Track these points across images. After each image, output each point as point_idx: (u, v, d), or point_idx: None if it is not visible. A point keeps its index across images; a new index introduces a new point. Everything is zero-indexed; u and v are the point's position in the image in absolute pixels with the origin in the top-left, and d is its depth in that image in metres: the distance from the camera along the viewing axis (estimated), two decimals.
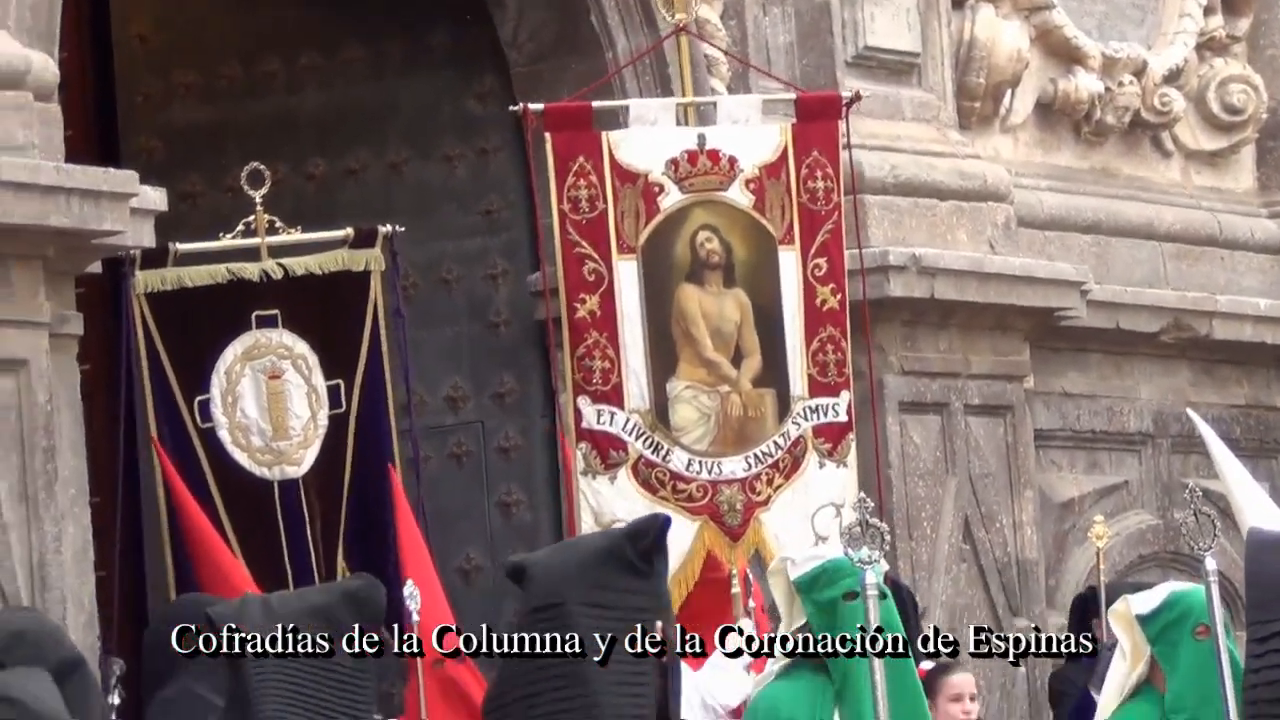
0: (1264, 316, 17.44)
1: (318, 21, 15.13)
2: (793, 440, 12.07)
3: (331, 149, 14.31)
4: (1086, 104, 16.87)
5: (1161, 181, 17.43)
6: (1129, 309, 16.42)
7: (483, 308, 14.50)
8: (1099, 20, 17.17)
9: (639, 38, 14.17)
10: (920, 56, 15.53)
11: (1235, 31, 17.93)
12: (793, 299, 12.14)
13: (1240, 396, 17.60)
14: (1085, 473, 16.25)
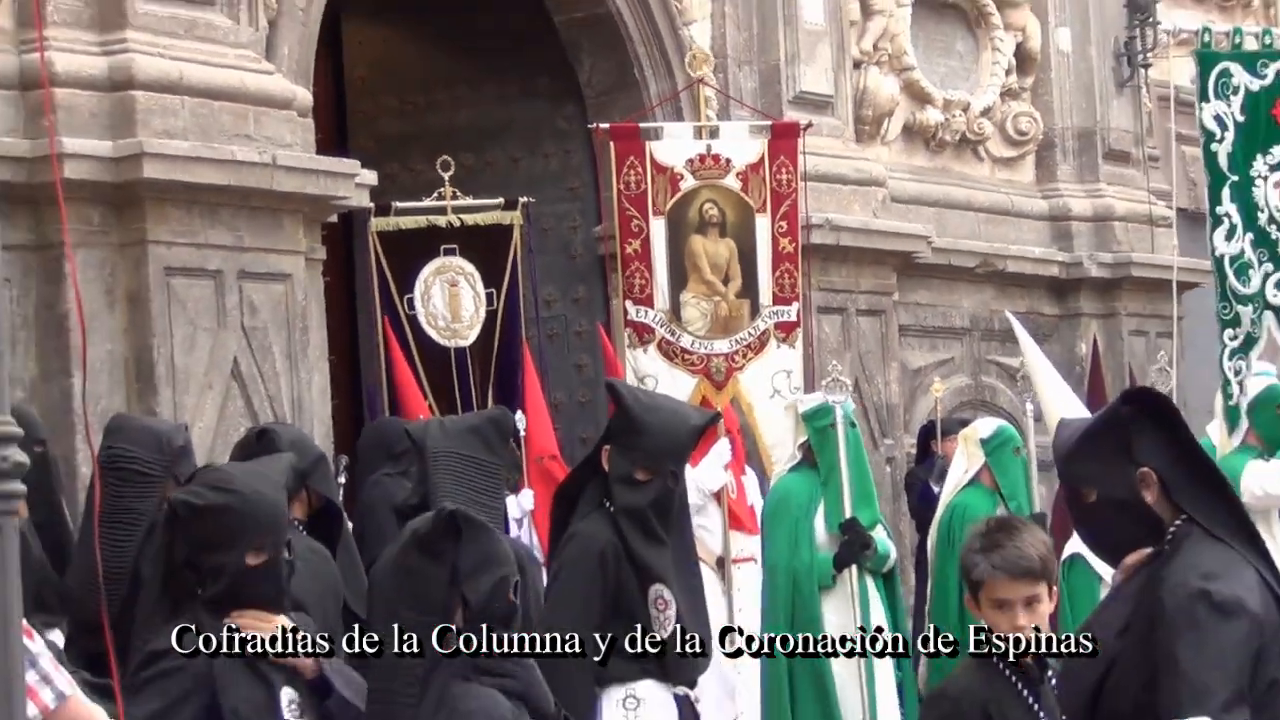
0: (1038, 258, 17.90)
1: (467, 67, 15.58)
2: (760, 331, 13.12)
3: (477, 149, 14.75)
4: (933, 128, 17.29)
5: (977, 176, 17.59)
6: (957, 253, 16.91)
7: (567, 246, 15.03)
8: (942, 76, 17.31)
9: (665, 82, 14.55)
10: (834, 98, 15.83)
11: (1024, 84, 18.19)
12: (764, 245, 13.12)
13: (1022, 306, 17.45)
14: (929, 352, 16.89)
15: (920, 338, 16.74)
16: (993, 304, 17.41)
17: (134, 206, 10.40)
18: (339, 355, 13.31)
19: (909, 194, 16.47)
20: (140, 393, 10.27)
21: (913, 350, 16.50)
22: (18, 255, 9.86)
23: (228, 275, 10.84)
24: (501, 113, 15.19)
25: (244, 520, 5.47)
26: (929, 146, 17.21)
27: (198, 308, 10.64)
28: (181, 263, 10.55)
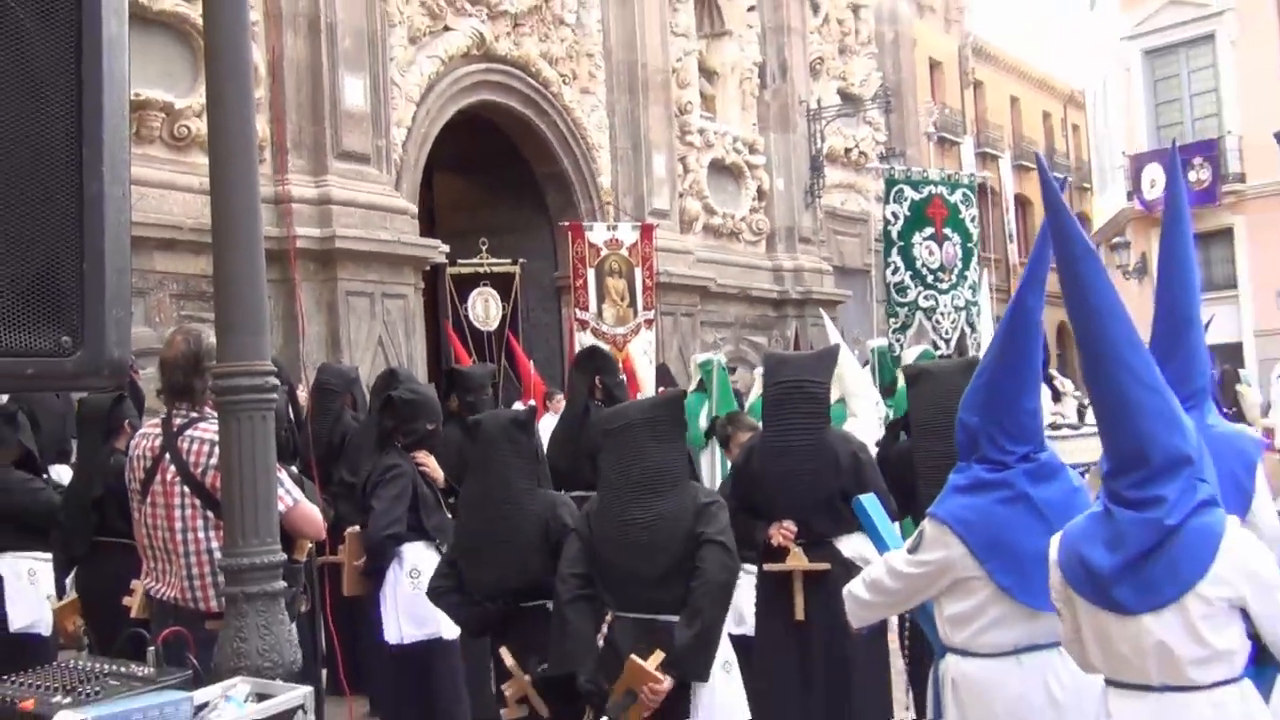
0: (766, 288, 17.80)
1: (494, 195, 15.61)
2: (637, 324, 13.78)
3: (498, 235, 14.45)
4: (717, 226, 17.60)
5: (739, 249, 17.92)
6: (728, 287, 16.95)
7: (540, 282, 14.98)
8: (721, 200, 17.69)
9: (589, 204, 15.18)
10: (670, 211, 16.26)
11: (759, 205, 18.40)
12: (639, 283, 13.90)
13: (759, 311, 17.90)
14: (714, 333, 16.59)
15: (711, 327, 16.85)
16: (746, 312, 17.78)
17: (331, 262, 11.15)
18: (429, 336, 13.35)
19: (705, 258, 16.84)
20: (331, 354, 10.85)
21: (708, 333, 16.61)
22: (274, 286, 9.90)
23: (376, 296, 11.63)
24: (510, 218, 15.44)
25: (428, 406, 5.73)
26: (715, 235, 17.56)
27: (361, 312, 11.46)
28: (354, 290, 11.49)
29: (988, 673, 3.51)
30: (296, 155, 11.42)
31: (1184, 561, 2.86)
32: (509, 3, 14.12)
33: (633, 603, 4.00)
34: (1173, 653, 2.83)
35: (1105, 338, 2.97)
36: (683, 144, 17.15)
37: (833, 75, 20.80)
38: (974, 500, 3.54)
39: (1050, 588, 3.07)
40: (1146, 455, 2.90)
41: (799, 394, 5.02)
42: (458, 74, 13.59)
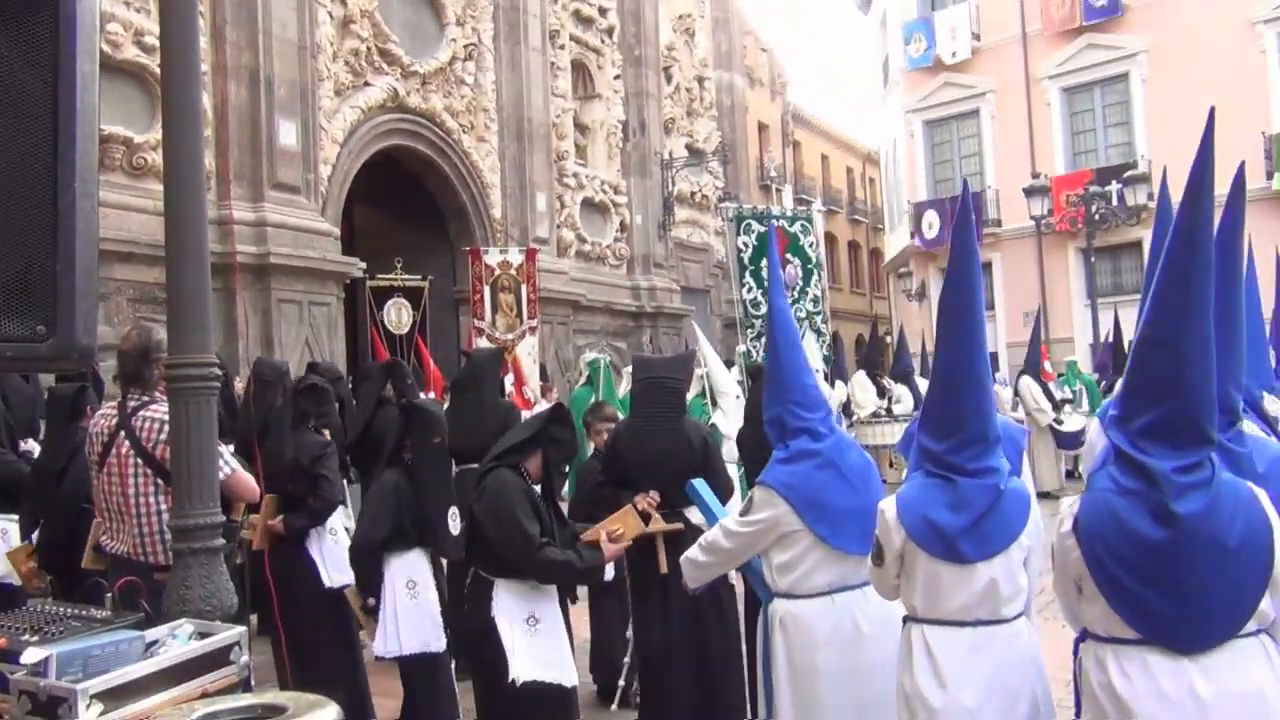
0: (626, 303, 17.64)
1: (406, 222, 15.18)
2: (522, 330, 13.54)
3: (410, 254, 13.79)
4: (588, 251, 17.37)
5: (605, 272, 17.80)
6: (595, 300, 16.90)
7: (444, 296, 14.49)
8: (591, 232, 17.54)
9: (485, 231, 15.00)
10: (549, 239, 16.14)
11: (621, 236, 18.30)
12: (524, 296, 13.72)
13: (620, 322, 17.56)
14: (584, 339, 16.30)
15: (582, 333, 16.75)
16: (610, 323, 17.61)
17: (266, 275, 10.81)
18: (348, 338, 12.72)
19: (578, 277, 16.80)
20: (265, 352, 10.38)
21: (579, 339, 16.49)
22: (218, 294, 10.01)
23: (304, 304, 11.35)
24: (419, 241, 14.93)
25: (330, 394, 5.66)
26: (586, 259, 17.53)
27: (291, 317, 11.18)
28: (285, 298, 11.11)
29: (808, 611, 3.58)
30: (238, 185, 11.17)
31: (1010, 518, 2.95)
32: (419, 64, 14.02)
33: None
34: (999, 592, 2.91)
35: (975, 340, 2.97)
36: (560, 185, 17.17)
37: (682, 133, 21.02)
38: (795, 468, 3.63)
39: (885, 547, 3.06)
40: (985, 434, 2.96)
41: (660, 389, 5.05)
42: (375, 121, 13.44)
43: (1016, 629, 2.96)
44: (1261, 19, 20.25)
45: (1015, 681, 2.90)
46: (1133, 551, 2.45)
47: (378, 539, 4.53)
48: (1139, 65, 21.70)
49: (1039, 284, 22.35)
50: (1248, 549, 2.40)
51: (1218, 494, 2.42)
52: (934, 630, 2.98)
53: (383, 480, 4.67)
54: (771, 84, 29.09)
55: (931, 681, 2.91)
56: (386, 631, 4.55)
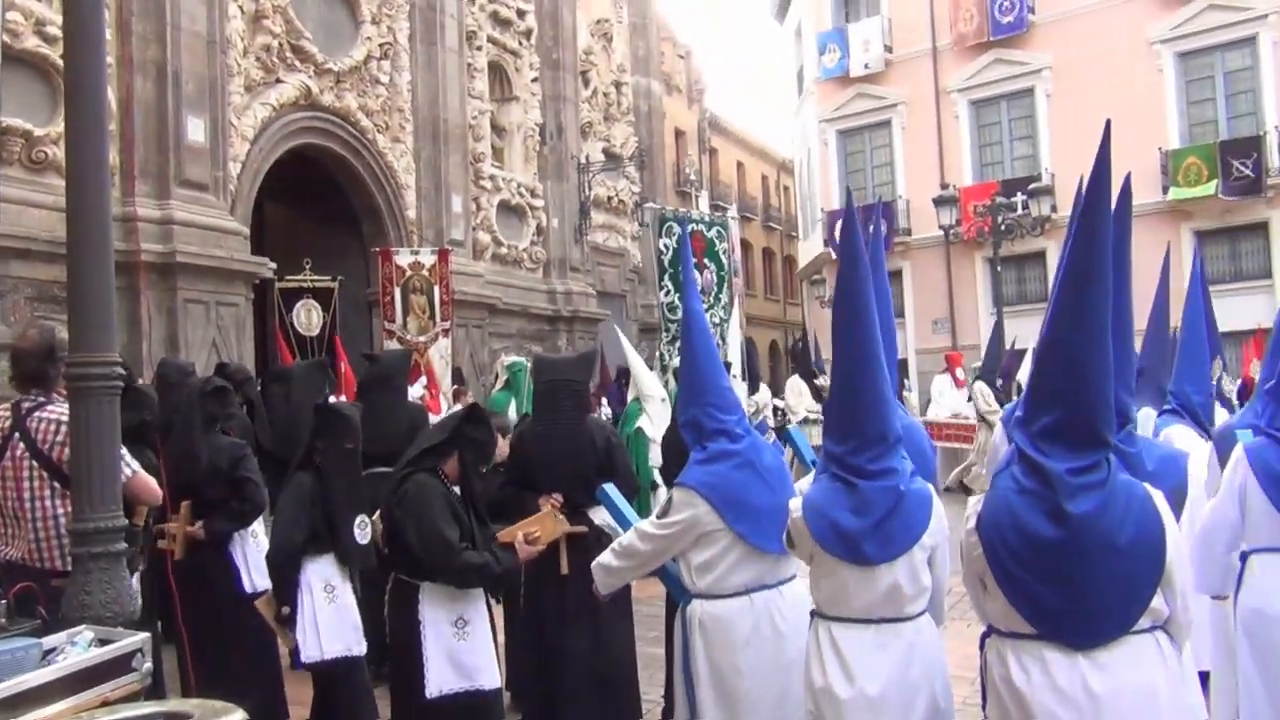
0: (542, 306, 17.64)
1: (317, 222, 15.05)
2: (435, 333, 13.35)
3: (320, 256, 13.52)
4: (504, 254, 17.34)
5: (521, 274, 17.68)
6: (510, 304, 16.84)
7: (355, 298, 14.15)
8: (507, 235, 17.48)
9: (398, 233, 14.79)
10: (465, 241, 15.83)
11: (537, 239, 18.26)
12: (437, 298, 13.54)
13: (537, 325, 17.69)
14: (499, 342, 16.26)
15: (498, 337, 16.58)
16: (526, 326, 17.63)
17: (172, 274, 10.57)
18: (257, 339, 12.66)
19: (493, 280, 16.68)
20: (170, 350, 10.29)
21: (495, 342, 16.37)
22: (121, 293, 9.67)
23: (211, 304, 11.08)
24: (331, 242, 14.80)
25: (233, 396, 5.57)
26: (502, 263, 17.40)
27: (197, 318, 10.90)
28: (192, 298, 10.83)
29: (728, 611, 3.61)
30: (143, 181, 10.85)
31: (912, 519, 3.01)
32: (333, 63, 13.81)
33: None
34: (902, 591, 2.98)
35: (870, 344, 3.04)
36: (476, 187, 17.03)
37: (599, 137, 20.98)
38: (713, 468, 3.66)
39: (796, 546, 3.14)
40: (885, 435, 3.02)
41: (564, 389, 5.04)
42: (287, 119, 13.18)
43: (920, 625, 3.05)
44: (1159, 39, 21.01)
45: (916, 676, 2.98)
46: (1028, 549, 2.52)
47: (297, 543, 4.42)
48: (1044, 81, 22.36)
49: (947, 292, 22.86)
50: (1139, 548, 2.48)
51: (1111, 494, 2.50)
52: (840, 628, 3.05)
53: (297, 482, 4.55)
54: (689, 90, 29.24)
55: (839, 675, 2.98)
56: (307, 638, 4.42)
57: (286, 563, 4.42)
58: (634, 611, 5.22)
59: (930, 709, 2.98)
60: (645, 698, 5.31)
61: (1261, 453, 3.82)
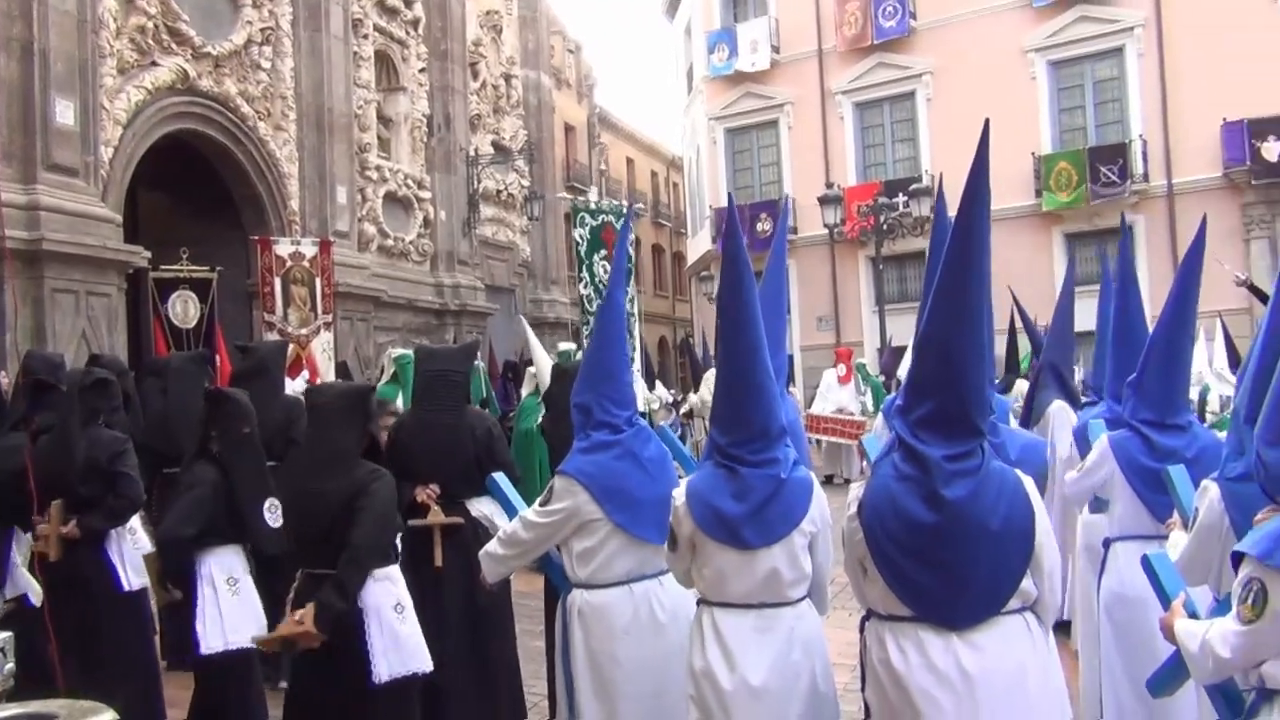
0: (429, 300, 17.57)
1: (194, 210, 14.56)
2: (317, 325, 13.35)
3: (197, 245, 12.54)
4: (390, 247, 17.01)
5: (408, 267, 17.47)
6: (395, 297, 16.71)
7: (234, 289, 13.52)
8: (394, 226, 17.27)
9: (278, 222, 14.56)
10: (350, 233, 15.70)
11: (425, 233, 18.09)
12: (319, 291, 13.47)
13: (424, 319, 17.58)
14: (385, 336, 16.06)
15: (383, 330, 16.47)
16: (413, 320, 17.42)
17: (39, 262, 10.29)
18: (130, 331, 12.38)
19: (379, 273, 16.41)
20: (36, 342, 9.98)
21: (380, 335, 16.20)
22: None
23: (81, 294, 10.80)
24: (209, 231, 14.34)
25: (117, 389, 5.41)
26: (388, 255, 17.25)
27: (66, 308, 10.63)
28: (60, 288, 10.55)
29: (607, 600, 3.62)
30: (7, 165, 10.42)
31: (792, 506, 3.06)
32: (211, 46, 13.45)
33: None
34: (781, 576, 3.03)
35: (751, 339, 3.08)
36: (362, 178, 16.78)
37: (488, 130, 20.88)
38: (594, 457, 3.67)
39: (678, 533, 3.15)
40: (767, 427, 3.07)
41: (444, 380, 4.99)
42: (163, 103, 12.78)
43: (801, 611, 3.10)
44: (1033, 48, 21.81)
45: (797, 660, 3.03)
46: (906, 533, 2.60)
47: (186, 535, 4.30)
48: (924, 85, 23.01)
49: (831, 290, 23.33)
50: (1010, 532, 2.58)
51: (985, 480, 2.58)
52: (722, 613, 3.09)
53: (196, 473, 4.44)
54: (579, 85, 29.16)
55: (721, 662, 3.02)
56: (208, 629, 4.31)
57: (173, 552, 4.32)
58: (515, 605, 5.18)
59: (811, 693, 3.04)
60: (530, 690, 5.26)
61: (1125, 444, 4.00)
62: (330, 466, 3.74)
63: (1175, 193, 20.27)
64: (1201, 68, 19.78)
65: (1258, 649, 2.26)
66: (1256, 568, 2.26)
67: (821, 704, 3.07)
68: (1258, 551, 2.27)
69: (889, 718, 2.70)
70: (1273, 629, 2.24)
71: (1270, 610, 2.21)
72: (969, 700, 2.56)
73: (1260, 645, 2.26)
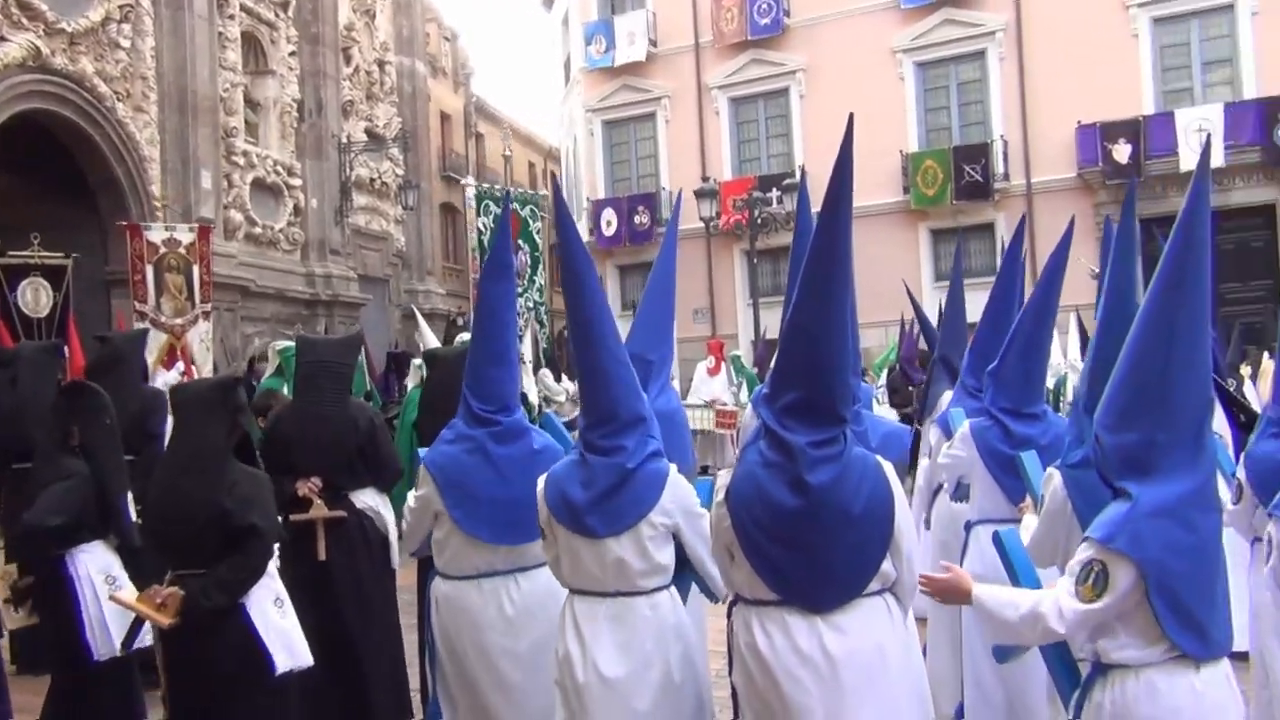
0: (299, 290, 17.22)
1: (51, 195, 13.91)
2: (194, 314, 12.87)
3: (52, 231, 12.38)
4: (259, 235, 16.79)
5: (276, 256, 17.17)
6: (265, 287, 16.32)
7: (92, 278, 13.38)
8: (261, 215, 16.89)
9: (147, 208, 14.16)
10: (214, 220, 15.18)
11: (295, 220, 17.76)
12: (196, 279, 12.95)
13: (293, 308, 17.14)
14: (253, 327, 15.97)
15: (251, 321, 16.17)
16: (282, 310, 17.09)
17: None
18: None
19: (247, 261, 16.16)
20: None
21: (247, 326, 15.97)
22: None
23: None
24: (63, 216, 13.85)
25: None
26: (256, 243, 16.88)
27: None
28: None
29: (457, 592, 3.67)
30: None
31: (639, 496, 3.08)
32: (66, 22, 12.92)
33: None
34: (628, 566, 3.06)
35: (597, 328, 3.14)
36: (228, 163, 16.36)
37: (361, 116, 20.56)
38: (449, 449, 3.71)
39: (540, 518, 3.19)
40: (615, 412, 3.11)
41: (325, 371, 4.93)
42: (12, 81, 12.24)
43: (656, 601, 3.12)
44: (901, 48, 22.37)
45: (649, 649, 3.06)
46: (771, 518, 2.66)
47: (52, 524, 4.13)
48: (797, 82, 23.37)
49: (707, 282, 23.57)
50: (871, 516, 2.65)
51: (847, 466, 2.66)
52: (580, 601, 3.15)
53: (63, 466, 4.27)
54: (455, 74, 28.76)
55: (577, 650, 3.08)
56: (97, 634, 4.16)
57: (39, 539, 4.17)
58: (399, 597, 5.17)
59: (663, 684, 3.07)
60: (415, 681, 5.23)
61: (984, 433, 4.15)
62: (199, 465, 3.61)
63: (1034, 192, 20.98)
64: (1058, 72, 20.43)
65: (1095, 627, 2.45)
66: (1099, 550, 2.43)
67: (675, 695, 3.09)
68: (1099, 535, 2.43)
69: (755, 701, 2.75)
70: (1111, 608, 2.41)
71: (1111, 590, 2.38)
72: (833, 681, 2.63)
73: (1098, 624, 2.44)
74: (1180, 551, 2.40)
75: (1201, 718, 2.41)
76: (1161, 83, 20.42)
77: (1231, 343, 10.21)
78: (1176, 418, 2.46)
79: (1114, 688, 2.46)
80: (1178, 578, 2.39)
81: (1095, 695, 2.50)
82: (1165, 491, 2.43)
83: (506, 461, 3.65)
